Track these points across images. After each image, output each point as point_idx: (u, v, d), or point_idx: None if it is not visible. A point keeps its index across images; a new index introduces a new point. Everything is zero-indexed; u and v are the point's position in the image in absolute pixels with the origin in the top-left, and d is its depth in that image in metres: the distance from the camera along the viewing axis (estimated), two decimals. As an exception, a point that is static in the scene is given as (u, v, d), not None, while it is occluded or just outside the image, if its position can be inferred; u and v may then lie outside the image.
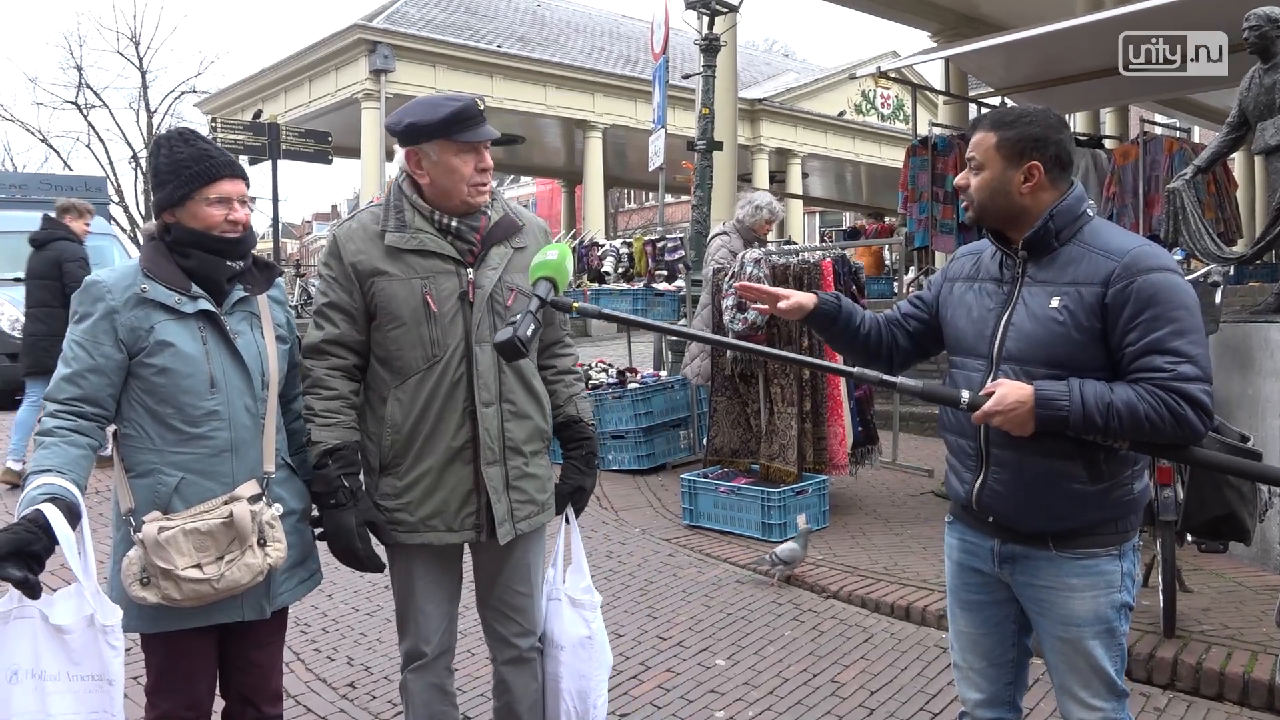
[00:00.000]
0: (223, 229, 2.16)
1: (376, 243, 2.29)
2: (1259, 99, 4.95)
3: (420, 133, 2.24)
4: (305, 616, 4.26)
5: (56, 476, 1.91)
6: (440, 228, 2.31)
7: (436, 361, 2.27)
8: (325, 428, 2.26)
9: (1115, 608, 2.00)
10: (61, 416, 2.02)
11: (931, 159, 10.99)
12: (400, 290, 2.26)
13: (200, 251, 2.15)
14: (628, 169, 25.89)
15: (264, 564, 2.09)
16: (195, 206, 2.14)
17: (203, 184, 2.13)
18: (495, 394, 2.31)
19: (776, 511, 5.25)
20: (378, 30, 18.71)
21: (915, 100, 12.82)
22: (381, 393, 2.31)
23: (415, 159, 2.29)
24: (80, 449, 2.00)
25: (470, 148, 2.26)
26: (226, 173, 2.16)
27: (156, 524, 2.02)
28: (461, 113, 2.23)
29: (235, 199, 2.17)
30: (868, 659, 3.80)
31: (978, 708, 2.21)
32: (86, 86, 28.43)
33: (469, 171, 2.27)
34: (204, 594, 2.03)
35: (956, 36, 12.31)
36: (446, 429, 2.28)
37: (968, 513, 2.14)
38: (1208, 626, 3.75)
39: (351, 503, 2.22)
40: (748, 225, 6.28)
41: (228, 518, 2.05)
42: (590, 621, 2.56)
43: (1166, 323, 1.83)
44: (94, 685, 1.84)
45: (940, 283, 2.24)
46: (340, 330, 2.30)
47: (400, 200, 2.33)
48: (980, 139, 2.02)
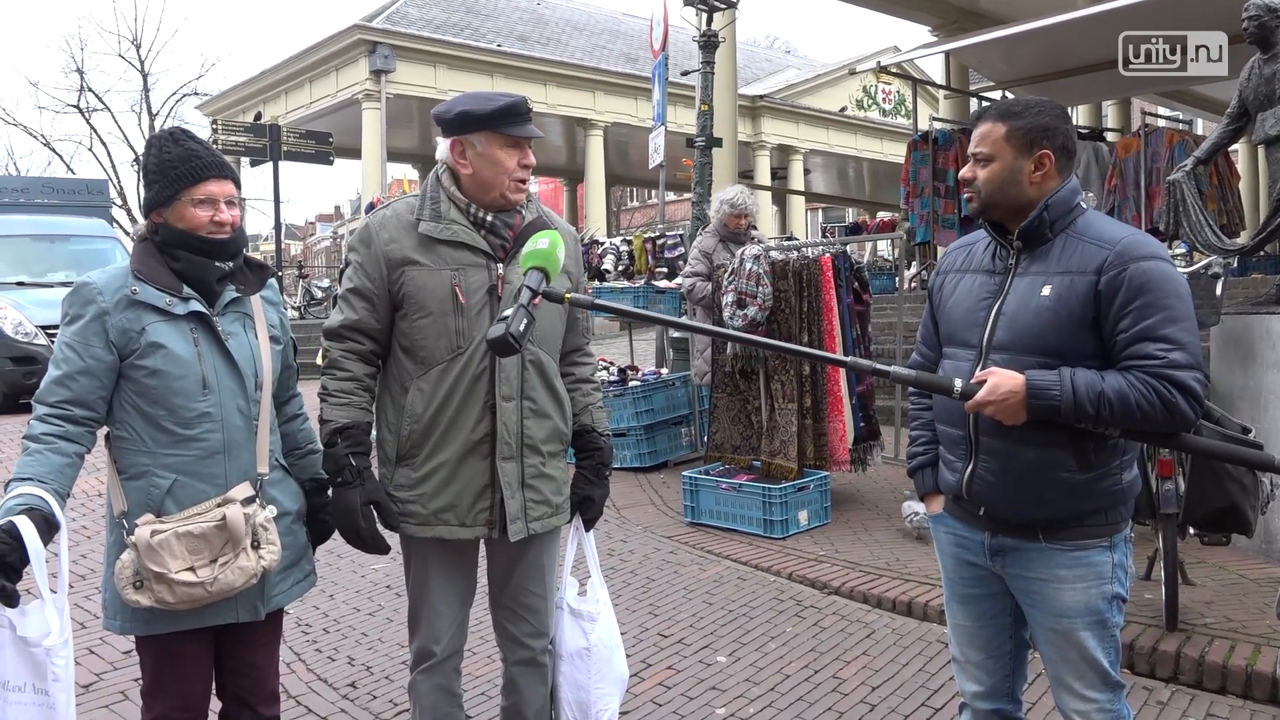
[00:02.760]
0: (209, 230, 2.15)
1: (410, 232, 2.30)
2: (1259, 89, 4.92)
3: (470, 122, 2.28)
4: (306, 617, 4.26)
5: (36, 486, 1.91)
6: (475, 221, 2.33)
7: (461, 353, 2.27)
8: (337, 407, 2.27)
9: (1107, 599, 2.00)
10: (50, 421, 2.01)
11: (933, 154, 10.97)
12: (429, 280, 2.27)
13: (187, 253, 2.14)
14: (629, 167, 25.87)
15: (258, 566, 2.08)
16: (181, 207, 2.13)
17: (187, 185, 2.11)
18: (517, 390, 2.31)
19: (778, 508, 5.24)
20: (378, 30, 18.70)
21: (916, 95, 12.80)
22: (403, 382, 2.32)
23: (460, 149, 2.31)
24: (65, 456, 2.00)
25: (515, 143, 2.30)
26: (213, 173, 2.14)
27: (149, 527, 2.01)
28: (512, 107, 2.28)
29: (222, 200, 2.16)
30: (869, 655, 3.79)
31: (977, 700, 2.22)
32: (88, 90, 28.47)
33: (512, 166, 2.30)
34: (197, 597, 2.02)
35: (957, 31, 12.28)
36: (466, 422, 2.29)
37: (958, 505, 2.14)
38: (1210, 619, 3.73)
39: (358, 481, 2.22)
40: (722, 223, 6.39)
41: (221, 520, 2.05)
42: (589, 633, 2.54)
43: (1158, 310, 1.84)
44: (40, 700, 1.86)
45: (935, 283, 2.25)
46: (359, 316, 2.30)
47: (437, 191, 2.35)
48: (988, 130, 2.02)
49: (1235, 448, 2.03)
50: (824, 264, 5.54)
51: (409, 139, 22.96)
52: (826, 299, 5.51)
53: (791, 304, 5.54)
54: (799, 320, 5.52)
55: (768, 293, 5.47)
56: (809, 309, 5.53)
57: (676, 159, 10.10)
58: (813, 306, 5.52)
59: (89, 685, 3.50)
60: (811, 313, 5.52)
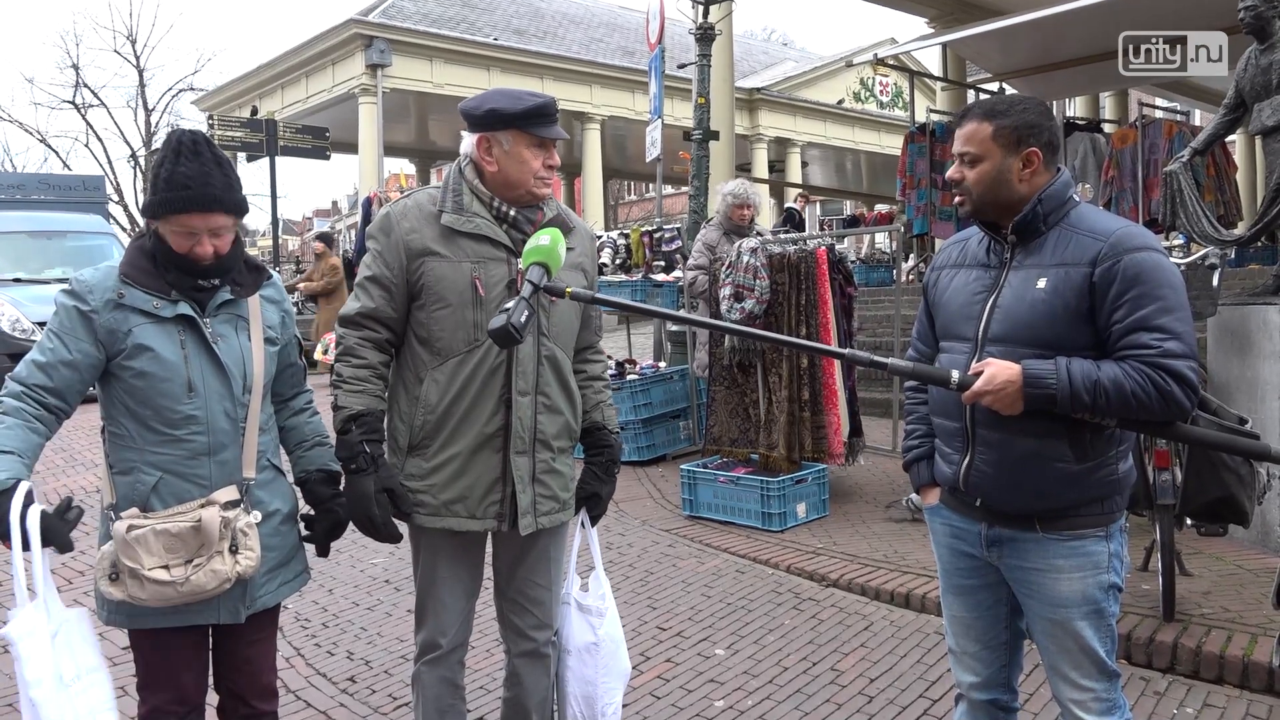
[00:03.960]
0: (195, 254, 2.10)
1: (432, 223, 2.30)
2: (1255, 79, 4.91)
3: (499, 119, 2.28)
4: (305, 612, 4.26)
5: (18, 462, 1.92)
6: (498, 215, 2.33)
7: (478, 346, 2.28)
8: (351, 394, 2.27)
9: (1103, 589, 2.01)
10: (25, 400, 2.01)
11: (930, 145, 10.97)
12: (449, 272, 2.27)
13: (174, 267, 2.11)
14: (627, 160, 25.83)
15: (232, 572, 2.06)
16: (166, 227, 2.10)
17: (171, 212, 2.06)
18: (532, 385, 2.32)
19: (776, 501, 5.25)
20: (373, 25, 18.64)
21: (913, 87, 12.77)
22: (419, 373, 2.32)
23: (486, 145, 2.31)
24: (39, 437, 2.01)
25: (542, 143, 2.31)
26: (196, 208, 2.04)
27: (128, 521, 2.01)
28: (542, 108, 2.29)
29: (204, 232, 2.07)
30: (867, 647, 3.80)
31: (973, 690, 2.23)
32: (84, 86, 28.41)
33: (538, 165, 2.31)
34: (168, 596, 2.02)
35: (954, 22, 12.26)
36: (480, 414, 2.29)
37: (955, 496, 2.14)
38: (1207, 610, 3.74)
39: (372, 469, 2.22)
40: (725, 215, 6.39)
41: (196, 522, 2.04)
42: (597, 628, 2.56)
43: (1152, 300, 1.85)
44: None
45: (930, 278, 2.25)
46: (376, 305, 2.30)
47: (459, 184, 2.35)
48: (973, 130, 2.02)
49: (1232, 437, 2.04)
50: (820, 257, 5.54)
51: (405, 133, 22.91)
52: (822, 292, 5.50)
53: (789, 296, 5.54)
54: (795, 313, 5.52)
55: (765, 285, 5.47)
56: (805, 302, 5.53)
57: (674, 152, 10.08)
58: (809, 300, 5.52)
59: (88, 681, 3.50)
60: (808, 305, 5.52)
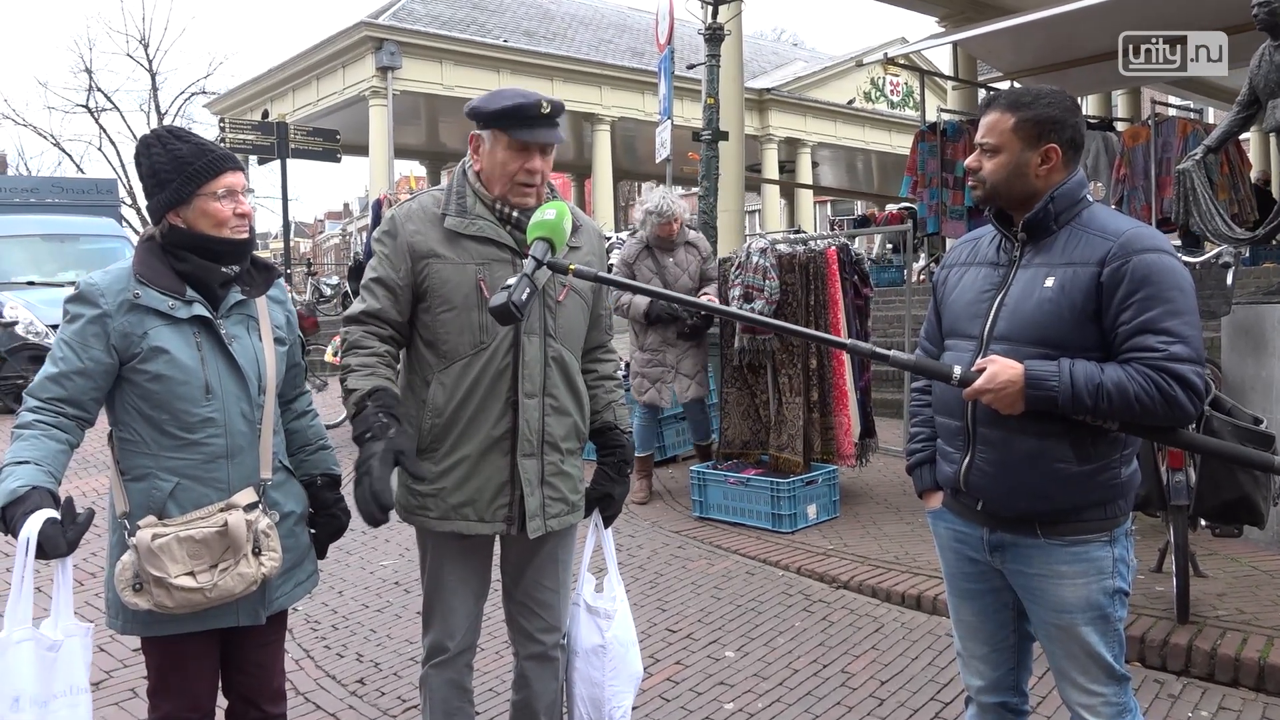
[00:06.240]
0: (233, 225, 2.12)
1: (436, 225, 2.29)
2: (1269, 76, 4.88)
3: (476, 117, 2.28)
4: (315, 614, 4.27)
5: (35, 469, 1.91)
6: (501, 217, 2.31)
7: (484, 348, 2.26)
8: (362, 378, 2.21)
9: (1108, 594, 1.98)
10: (41, 413, 2.00)
11: (940, 144, 10.92)
12: (454, 274, 2.26)
13: (196, 256, 2.10)
14: (637, 161, 25.83)
15: (258, 573, 2.06)
16: (203, 202, 2.09)
17: (209, 178, 2.08)
18: (539, 387, 2.30)
19: (786, 502, 5.23)
20: (384, 27, 18.72)
21: (924, 86, 12.73)
22: (425, 376, 2.31)
23: (475, 143, 2.32)
24: (60, 444, 1.99)
25: (522, 146, 2.25)
26: (229, 165, 2.13)
27: (150, 530, 1.99)
28: (516, 110, 2.21)
29: (240, 191, 2.15)
30: (878, 649, 3.78)
31: (981, 693, 2.21)
32: (97, 89, 28.64)
33: (514, 169, 2.26)
34: (196, 602, 2.00)
35: (964, 21, 12.22)
36: (488, 417, 2.27)
37: (957, 499, 2.13)
38: (1222, 612, 3.71)
39: (384, 435, 2.12)
40: (653, 234, 5.67)
41: (223, 526, 2.02)
42: (604, 631, 2.53)
43: (1160, 303, 1.82)
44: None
45: (940, 276, 2.23)
46: (381, 305, 2.29)
47: (463, 186, 2.33)
48: (995, 120, 1.99)
49: (1236, 446, 2.01)
50: (830, 257, 5.52)
51: (416, 135, 22.98)
52: (832, 292, 5.48)
53: (799, 297, 5.52)
54: (805, 313, 5.50)
55: (774, 286, 5.45)
56: (815, 302, 5.51)
57: (683, 153, 10.08)
58: (819, 300, 5.50)
59: (99, 683, 3.51)
60: (818, 306, 5.50)
